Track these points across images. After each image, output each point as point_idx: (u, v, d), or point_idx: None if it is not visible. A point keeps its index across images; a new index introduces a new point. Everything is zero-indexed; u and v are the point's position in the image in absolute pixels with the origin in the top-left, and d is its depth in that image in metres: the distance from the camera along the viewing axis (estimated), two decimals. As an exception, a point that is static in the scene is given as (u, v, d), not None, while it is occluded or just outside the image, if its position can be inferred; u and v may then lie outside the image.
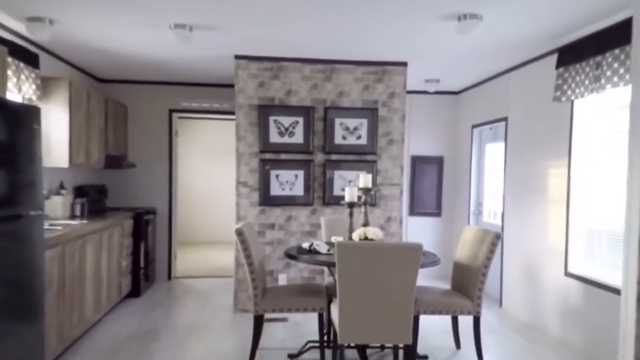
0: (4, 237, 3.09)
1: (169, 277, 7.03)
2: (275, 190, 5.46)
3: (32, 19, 4.16)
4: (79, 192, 5.90)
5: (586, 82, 4.32)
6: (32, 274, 3.37)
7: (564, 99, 4.59)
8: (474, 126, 6.83)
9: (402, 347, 3.49)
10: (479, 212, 6.84)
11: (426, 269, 3.81)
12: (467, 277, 4.18)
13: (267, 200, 5.45)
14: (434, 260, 3.86)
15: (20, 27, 4.34)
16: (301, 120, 5.46)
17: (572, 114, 4.68)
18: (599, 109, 4.52)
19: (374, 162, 5.60)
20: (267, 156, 5.45)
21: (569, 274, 4.66)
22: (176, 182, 7.12)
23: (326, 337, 4.09)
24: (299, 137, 5.47)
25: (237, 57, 5.35)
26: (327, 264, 3.73)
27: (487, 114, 6.46)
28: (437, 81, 6.53)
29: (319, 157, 5.54)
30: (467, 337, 4.41)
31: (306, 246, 4.15)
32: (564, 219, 4.75)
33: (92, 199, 6.10)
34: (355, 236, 4.06)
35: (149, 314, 5.38)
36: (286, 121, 5.44)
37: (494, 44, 4.80)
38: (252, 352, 3.91)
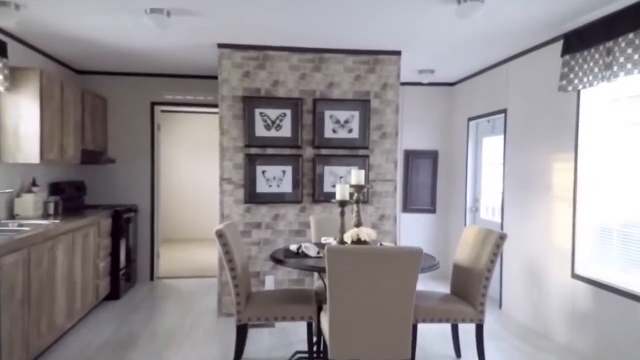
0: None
1: (152, 277, 6.69)
2: (261, 187, 5.14)
3: (-5, 4, 3.81)
4: (55, 189, 5.55)
5: (595, 70, 4.02)
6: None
7: (570, 88, 4.29)
8: (471, 119, 6.54)
9: None
10: (476, 208, 6.55)
11: (424, 272, 3.51)
12: (469, 281, 3.88)
13: (253, 197, 5.13)
14: (433, 264, 3.55)
15: (-18, 12, 3.97)
16: (289, 112, 5.13)
17: (578, 104, 4.38)
18: (608, 99, 4.23)
19: (367, 157, 5.28)
20: (253, 151, 5.12)
21: (577, 276, 4.37)
22: (159, 179, 6.77)
23: (316, 348, 3.78)
24: (286, 131, 5.14)
25: (221, 45, 5.00)
26: (316, 269, 3.41)
27: (484, 107, 6.16)
28: (432, 72, 6.21)
29: (308, 152, 5.22)
30: (468, 344, 4.13)
31: (294, 249, 3.83)
32: (570, 216, 4.46)
33: (69, 197, 5.75)
34: (347, 237, 3.75)
35: (128, 319, 5.05)
36: (273, 114, 5.11)
37: (494, 31, 4.50)
38: (236, 364, 3.60)
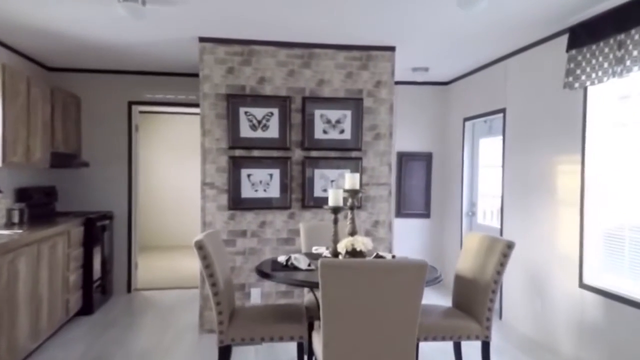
0: None
1: (129, 289, 6.27)
2: (246, 191, 4.77)
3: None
4: (22, 195, 5.13)
5: (605, 65, 3.74)
6: None
7: (576, 85, 4.00)
8: (466, 119, 6.24)
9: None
10: (472, 213, 6.25)
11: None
12: (473, 293, 3.56)
13: (237, 203, 4.75)
14: (435, 276, 3.23)
15: None
16: (276, 111, 4.77)
17: (585, 102, 4.10)
18: (617, 96, 3.95)
19: (359, 159, 4.95)
20: (237, 153, 4.75)
21: (585, 286, 4.08)
22: (137, 183, 6.36)
23: (307, 370, 3.42)
24: (273, 131, 4.78)
25: (202, 39, 4.63)
26: (308, 284, 3.05)
27: (481, 106, 5.86)
28: (426, 70, 5.91)
29: (297, 154, 4.86)
30: (470, 358, 3.81)
31: (282, 260, 3.48)
32: (577, 221, 4.16)
33: (37, 203, 5.33)
34: (340, 247, 3.41)
35: (101, 336, 4.64)
36: (259, 113, 4.75)
37: (493, 25, 4.21)
38: (218, 390, 3.22)
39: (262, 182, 4.79)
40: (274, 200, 4.83)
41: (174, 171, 9.81)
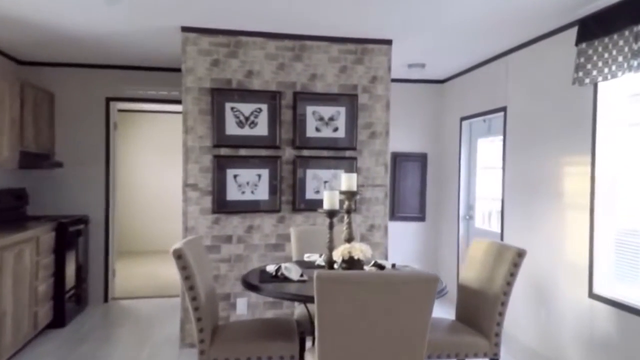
0: None
1: (106, 298, 5.87)
2: (232, 193, 4.42)
3: None
4: (-12, 198, 4.73)
5: (619, 59, 3.46)
6: None
7: (587, 80, 3.73)
8: (463, 118, 5.96)
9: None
10: (469, 216, 5.97)
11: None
12: (480, 306, 3.25)
13: (222, 206, 4.40)
14: (440, 289, 2.91)
15: None
16: (265, 107, 4.44)
17: (595, 99, 3.82)
18: (630, 92, 3.68)
19: (354, 158, 4.62)
20: (223, 152, 4.40)
21: (595, 296, 3.79)
22: (115, 185, 5.97)
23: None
24: (262, 129, 4.44)
25: (185, 29, 4.28)
26: (300, 298, 2.73)
27: (479, 104, 5.58)
28: (423, 66, 5.61)
29: (288, 153, 4.53)
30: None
31: (272, 270, 3.14)
32: (586, 227, 3.88)
33: (5, 207, 4.93)
34: (336, 255, 3.09)
35: (71, 352, 4.25)
36: (246, 109, 4.41)
37: (497, 17, 3.95)
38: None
39: (249, 183, 4.44)
40: (262, 202, 4.49)
41: (156, 172, 9.40)
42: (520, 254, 3.11)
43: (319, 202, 3.27)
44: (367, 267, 3.34)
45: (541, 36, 4.42)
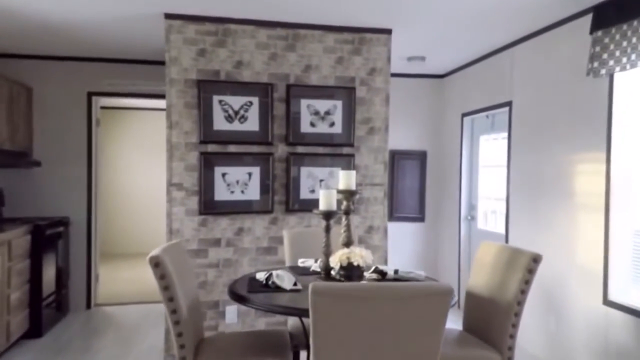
0: None
1: (89, 305, 5.54)
2: (221, 193, 4.12)
3: None
4: (-41, 198, 4.40)
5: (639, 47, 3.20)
6: None
7: (603, 71, 3.45)
8: (465, 115, 5.68)
9: None
10: (471, 217, 5.69)
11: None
12: (491, 316, 2.97)
13: (210, 207, 4.10)
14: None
15: None
16: (256, 101, 4.14)
17: (611, 91, 3.55)
18: (651, 84, 3.42)
19: (351, 155, 4.33)
20: (210, 148, 4.09)
21: (610, 303, 3.52)
22: (97, 185, 5.64)
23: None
24: (253, 124, 4.14)
25: (169, 15, 3.97)
26: (294, 312, 2.43)
27: (482, 100, 5.30)
28: (423, 59, 5.32)
29: (281, 150, 4.23)
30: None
31: (262, 278, 2.84)
32: (601, 229, 3.61)
33: (-22, 208, 4.61)
34: (333, 261, 2.81)
35: (48, 365, 3.95)
36: (236, 102, 4.10)
37: (503, 7, 3.67)
38: None
39: (239, 182, 4.14)
40: (253, 203, 4.19)
41: (143, 172, 9.04)
42: (535, 259, 2.83)
43: (315, 203, 2.98)
44: (367, 274, 3.05)
45: (550, 26, 4.14)
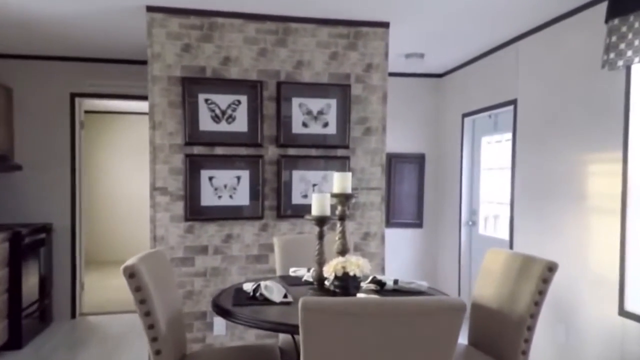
0: None
1: (73, 314, 5.27)
2: (208, 198, 3.86)
3: None
4: None
5: (659, 36, 2.96)
6: None
7: (620, 63, 3.20)
8: (466, 115, 5.44)
9: None
10: (472, 222, 5.45)
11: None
12: (500, 330, 2.71)
13: (196, 212, 3.84)
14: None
15: None
16: (244, 99, 3.89)
17: (628, 84, 3.30)
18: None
19: (346, 158, 4.09)
20: (196, 150, 3.84)
21: (627, 313, 3.27)
22: (81, 189, 5.38)
23: None
24: (241, 124, 3.90)
25: (150, 8, 3.72)
26: (283, 328, 2.18)
27: (484, 99, 5.07)
28: (421, 56, 5.09)
29: (271, 152, 3.98)
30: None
31: (249, 289, 2.58)
32: (616, 233, 3.37)
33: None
34: (327, 271, 2.55)
35: (23, 382, 3.68)
36: (223, 101, 3.86)
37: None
38: None
39: (227, 186, 3.89)
40: (242, 208, 3.93)
41: (130, 177, 8.73)
42: (551, 268, 2.59)
43: (307, 208, 2.73)
44: (364, 284, 2.80)
45: (558, 17, 3.91)
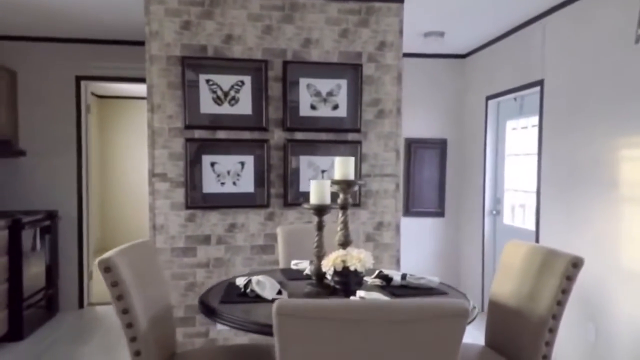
0: None
1: (81, 304, 5.17)
2: (210, 185, 3.66)
3: None
4: None
5: None
6: None
7: (658, 36, 2.87)
8: (490, 97, 5.11)
9: None
10: (496, 211, 5.13)
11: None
12: (519, 331, 2.44)
13: (197, 200, 3.65)
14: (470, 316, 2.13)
15: None
16: (248, 80, 3.66)
17: (666, 62, 2.97)
18: None
19: (358, 142, 3.82)
20: (197, 134, 3.64)
21: (664, 313, 2.96)
22: (88, 176, 5.25)
23: None
24: (245, 106, 3.67)
25: (149, -17, 3.52)
26: (271, 331, 1.95)
27: (509, 80, 4.73)
28: (441, 35, 4.77)
29: (277, 136, 3.75)
30: None
31: (241, 284, 2.37)
32: (653, 226, 3.04)
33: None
34: (326, 265, 2.33)
35: (20, 375, 3.56)
36: (225, 82, 3.63)
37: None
38: None
39: (230, 172, 3.68)
40: (246, 196, 3.72)
41: (141, 163, 8.60)
42: (575, 264, 2.29)
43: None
44: (369, 279, 2.57)
45: (589, -11, 3.56)
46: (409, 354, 1.44)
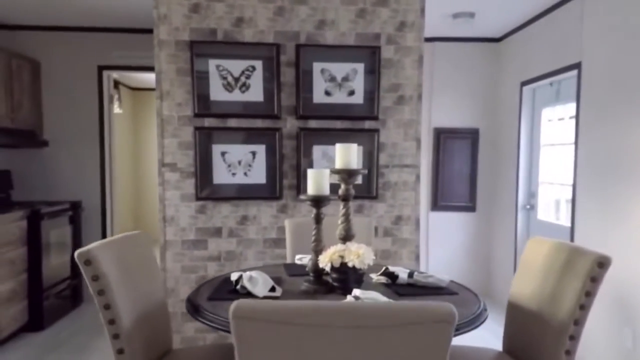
0: None
1: (104, 294, 5.19)
2: (221, 175, 3.54)
3: None
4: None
5: None
6: None
7: None
8: (524, 83, 4.78)
9: None
10: (530, 206, 4.82)
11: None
12: (539, 336, 2.21)
13: (208, 191, 3.54)
14: (473, 313, 1.92)
15: None
16: (259, 65, 3.50)
17: None
18: None
19: (375, 131, 3.61)
20: (207, 122, 3.52)
21: None
22: (112, 167, 5.24)
23: None
24: (256, 93, 3.52)
25: (157, -34, 3.41)
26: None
27: (545, 64, 4.40)
28: (472, 16, 4.48)
29: (290, 124, 3.59)
30: None
31: (234, 279, 2.23)
32: (700, 222, 2.72)
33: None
34: (324, 260, 2.16)
35: (34, 364, 3.57)
36: (236, 67, 3.49)
37: None
38: None
39: (241, 162, 3.55)
40: (258, 187, 3.58)
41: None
42: (601, 264, 2.04)
43: (332, 188, 2.30)
44: (374, 276, 2.39)
45: (632, -40, 3.22)
46: (388, 365, 1.26)
